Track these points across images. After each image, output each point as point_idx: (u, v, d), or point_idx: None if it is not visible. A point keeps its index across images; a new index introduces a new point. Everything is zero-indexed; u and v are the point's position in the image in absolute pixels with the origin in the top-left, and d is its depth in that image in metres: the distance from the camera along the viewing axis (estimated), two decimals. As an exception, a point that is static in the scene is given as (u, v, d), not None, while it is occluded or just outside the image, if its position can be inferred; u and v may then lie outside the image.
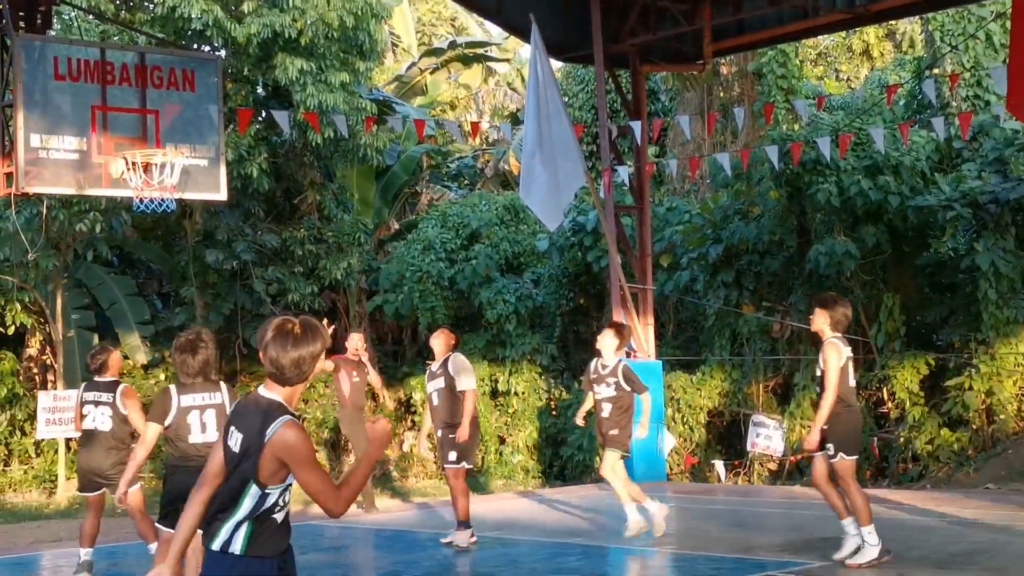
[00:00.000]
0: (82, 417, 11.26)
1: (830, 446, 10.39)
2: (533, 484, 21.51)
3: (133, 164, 15.02)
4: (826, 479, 10.53)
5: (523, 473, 22.23)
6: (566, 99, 26.52)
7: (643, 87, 20.89)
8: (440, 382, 12.75)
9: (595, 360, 12.65)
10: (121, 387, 11.14)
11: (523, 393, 22.88)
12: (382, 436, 5.03)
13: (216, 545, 4.97)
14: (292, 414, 4.96)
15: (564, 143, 18.70)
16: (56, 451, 20.62)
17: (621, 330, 12.72)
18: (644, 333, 19.46)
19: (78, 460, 11.63)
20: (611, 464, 12.29)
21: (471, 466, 13.00)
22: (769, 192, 20.58)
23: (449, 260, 24.12)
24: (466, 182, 32.47)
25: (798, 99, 22.71)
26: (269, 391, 5.03)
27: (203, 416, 8.95)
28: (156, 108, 15.79)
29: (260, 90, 23.34)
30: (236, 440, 4.99)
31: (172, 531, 9.00)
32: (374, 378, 16.34)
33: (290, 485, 5.02)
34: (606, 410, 12.37)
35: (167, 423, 8.94)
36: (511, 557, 12.45)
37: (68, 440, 20.37)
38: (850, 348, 10.60)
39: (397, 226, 28.01)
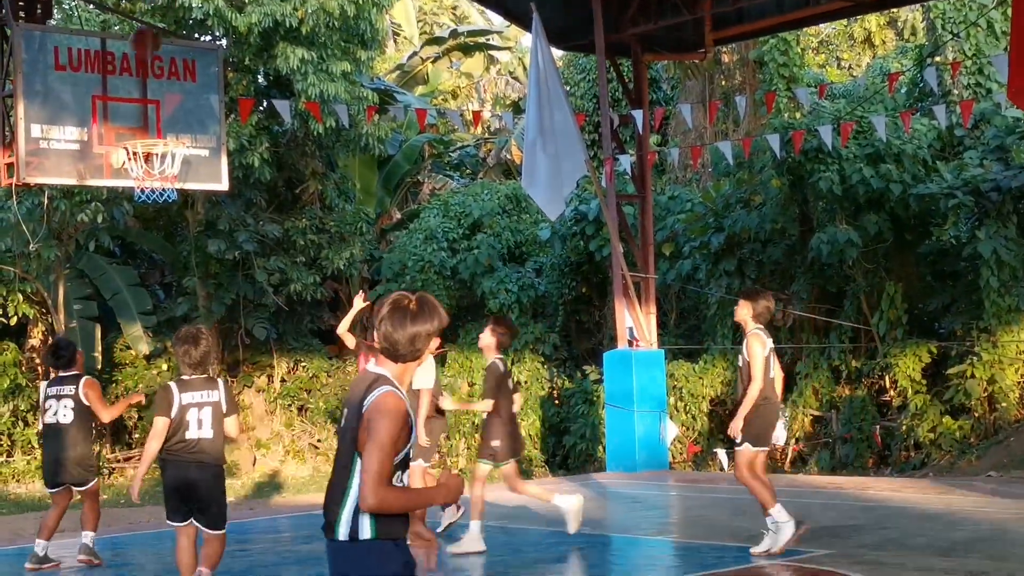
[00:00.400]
0: (44, 412, 11.39)
1: (739, 434, 10.52)
2: (537, 473, 21.52)
3: (134, 154, 15.02)
4: (752, 471, 10.63)
5: (526, 462, 22.23)
6: (567, 88, 26.48)
7: (644, 76, 20.86)
8: None
9: None
10: (83, 379, 11.33)
11: (526, 383, 22.88)
12: (453, 490, 4.90)
13: (342, 534, 4.76)
14: (398, 388, 4.82)
15: (566, 132, 18.69)
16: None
17: (498, 326, 11.65)
18: (646, 322, 19.47)
19: (42, 456, 11.73)
20: (514, 475, 11.83)
21: (428, 464, 12.79)
22: (771, 180, 20.56)
23: (451, 249, 24.13)
24: (468, 171, 32.46)
25: (800, 87, 22.68)
26: (379, 367, 4.90)
27: (200, 413, 9.06)
28: (157, 98, 15.79)
29: (261, 79, 23.33)
30: (344, 416, 4.91)
31: (180, 524, 9.14)
32: None
33: (403, 462, 4.84)
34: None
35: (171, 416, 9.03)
36: (515, 546, 12.45)
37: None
38: (771, 340, 10.66)
39: (399, 215, 28.01)
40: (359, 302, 12.86)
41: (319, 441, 23.42)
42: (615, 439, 19.00)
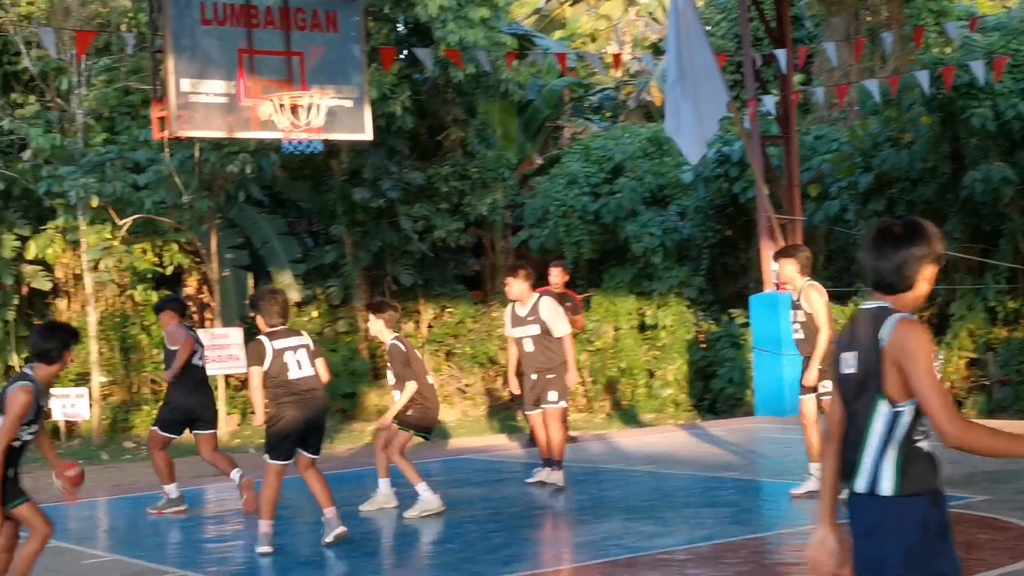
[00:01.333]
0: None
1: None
2: (684, 418, 21.46)
3: (280, 106, 15.23)
4: (815, 419, 10.69)
5: (673, 407, 22.18)
6: (708, 28, 26.10)
7: (787, 13, 20.43)
8: (534, 328, 12.24)
9: None
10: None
11: (671, 326, 22.74)
12: None
13: (861, 486, 4.38)
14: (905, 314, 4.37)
15: (707, 73, 18.40)
16: (215, 388, 21.08)
17: (380, 312, 11.45)
18: (793, 264, 19.17)
19: (186, 400, 12.60)
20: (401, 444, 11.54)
21: (567, 405, 12.79)
22: (920, 118, 20.05)
23: (593, 194, 24.02)
24: (608, 114, 32.26)
25: (949, 21, 22.01)
26: (874, 301, 4.48)
27: (296, 355, 9.95)
28: (300, 50, 15.99)
29: (401, 28, 23.44)
30: (852, 363, 4.43)
31: (284, 463, 9.81)
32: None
33: None
34: None
35: (266, 367, 9.86)
36: (664, 491, 12.45)
37: (228, 377, 20.88)
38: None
39: (540, 161, 27.98)
40: None
41: (467, 386, 23.62)
42: (763, 383, 18.83)
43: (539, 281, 13.38)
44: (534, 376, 12.43)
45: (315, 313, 23.47)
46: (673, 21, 18.75)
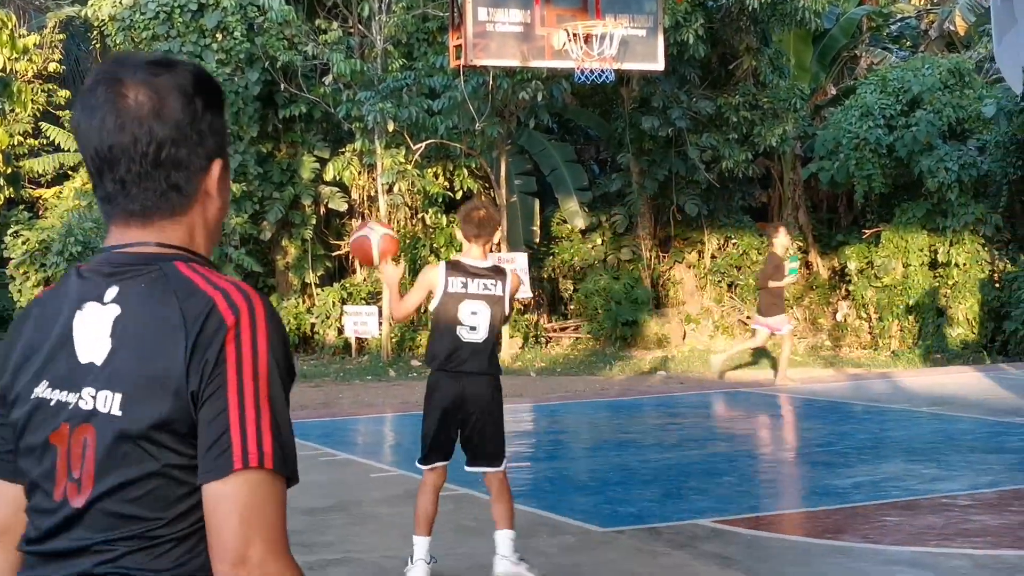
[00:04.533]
0: None
1: None
2: (973, 359, 20.82)
3: (574, 35, 15.40)
4: None
5: (962, 347, 21.53)
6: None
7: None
8: None
9: None
10: None
11: (964, 264, 22.02)
12: None
13: None
14: None
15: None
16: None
17: None
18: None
19: None
20: None
21: None
22: None
23: (888, 127, 23.33)
24: (908, 44, 31.20)
25: None
26: None
27: None
28: (596, -22, 16.07)
29: (697, -46, 23.21)
30: None
31: None
32: None
33: None
34: None
35: None
36: (949, 434, 12.20)
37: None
38: None
39: (834, 91, 27.37)
40: None
41: (748, 318, 23.52)
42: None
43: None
44: None
45: (599, 240, 23.74)
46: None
